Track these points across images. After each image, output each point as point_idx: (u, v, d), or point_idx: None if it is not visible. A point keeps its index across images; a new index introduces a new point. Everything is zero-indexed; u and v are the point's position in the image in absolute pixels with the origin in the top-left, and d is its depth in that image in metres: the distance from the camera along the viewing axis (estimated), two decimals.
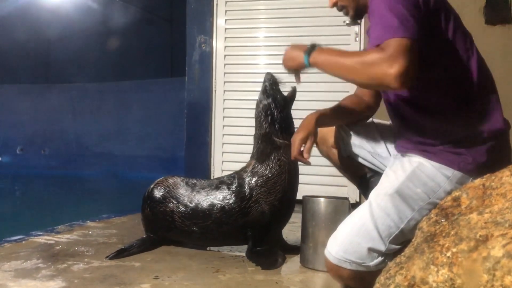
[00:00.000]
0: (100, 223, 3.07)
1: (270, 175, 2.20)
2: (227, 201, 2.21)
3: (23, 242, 2.46)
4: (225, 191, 2.23)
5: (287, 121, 2.30)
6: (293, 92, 2.34)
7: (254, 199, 2.18)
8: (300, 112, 2.33)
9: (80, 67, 10.29)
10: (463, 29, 1.71)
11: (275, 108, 2.27)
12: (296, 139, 2.03)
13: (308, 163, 2.07)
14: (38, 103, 9.69)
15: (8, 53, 10.00)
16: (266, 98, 2.30)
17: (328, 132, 2.21)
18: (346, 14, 1.89)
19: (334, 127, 2.20)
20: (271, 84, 2.30)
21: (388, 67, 1.45)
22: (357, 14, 1.86)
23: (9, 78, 9.96)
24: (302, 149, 2.03)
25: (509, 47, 3.54)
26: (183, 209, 2.28)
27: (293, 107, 2.36)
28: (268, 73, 2.36)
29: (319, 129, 2.07)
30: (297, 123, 2.18)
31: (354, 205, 1.97)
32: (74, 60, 10.43)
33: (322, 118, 2.06)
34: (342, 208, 1.97)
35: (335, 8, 1.90)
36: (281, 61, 1.90)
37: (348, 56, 1.63)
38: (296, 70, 1.86)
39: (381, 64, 1.47)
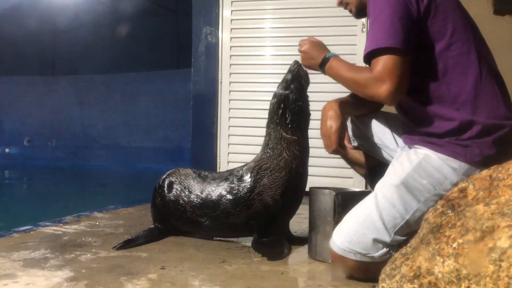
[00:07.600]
0: (107, 214, 3.09)
1: (271, 169, 2.18)
2: (234, 192, 2.22)
3: (32, 232, 2.48)
4: (233, 182, 2.24)
5: (300, 115, 2.21)
6: (306, 77, 2.24)
7: (257, 191, 2.18)
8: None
9: (86, 58, 10.32)
10: (464, 23, 1.71)
11: (290, 101, 2.18)
12: (330, 132, 1.94)
13: (347, 154, 2.08)
14: (45, 95, 9.75)
15: (15, 45, 10.04)
16: (283, 89, 2.22)
17: None
18: (350, 11, 1.99)
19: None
20: (294, 75, 2.22)
21: (378, 87, 1.62)
22: (359, 11, 1.95)
23: (16, 69, 10.01)
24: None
25: None
26: (194, 199, 2.29)
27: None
28: (295, 62, 2.24)
29: None
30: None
31: None
32: (81, 51, 10.46)
33: (343, 106, 2.00)
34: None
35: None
36: (287, 52, 1.94)
37: (350, 72, 1.78)
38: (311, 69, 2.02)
39: (371, 85, 1.64)
